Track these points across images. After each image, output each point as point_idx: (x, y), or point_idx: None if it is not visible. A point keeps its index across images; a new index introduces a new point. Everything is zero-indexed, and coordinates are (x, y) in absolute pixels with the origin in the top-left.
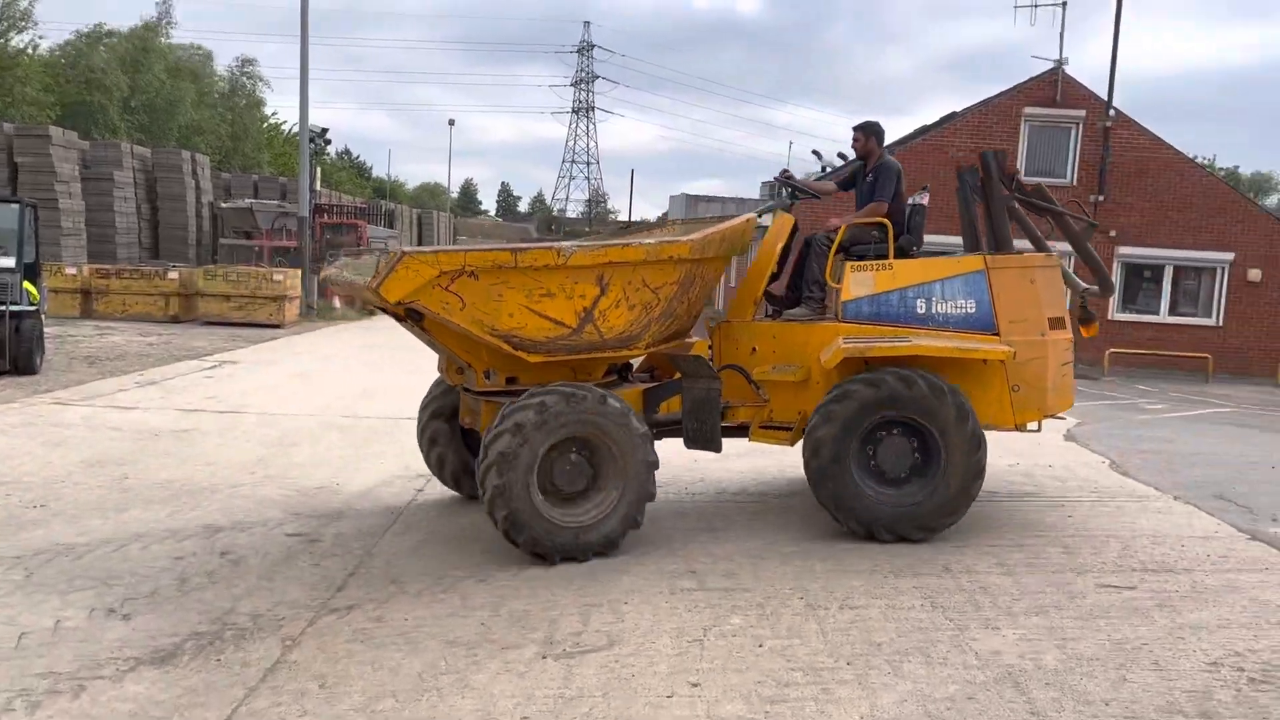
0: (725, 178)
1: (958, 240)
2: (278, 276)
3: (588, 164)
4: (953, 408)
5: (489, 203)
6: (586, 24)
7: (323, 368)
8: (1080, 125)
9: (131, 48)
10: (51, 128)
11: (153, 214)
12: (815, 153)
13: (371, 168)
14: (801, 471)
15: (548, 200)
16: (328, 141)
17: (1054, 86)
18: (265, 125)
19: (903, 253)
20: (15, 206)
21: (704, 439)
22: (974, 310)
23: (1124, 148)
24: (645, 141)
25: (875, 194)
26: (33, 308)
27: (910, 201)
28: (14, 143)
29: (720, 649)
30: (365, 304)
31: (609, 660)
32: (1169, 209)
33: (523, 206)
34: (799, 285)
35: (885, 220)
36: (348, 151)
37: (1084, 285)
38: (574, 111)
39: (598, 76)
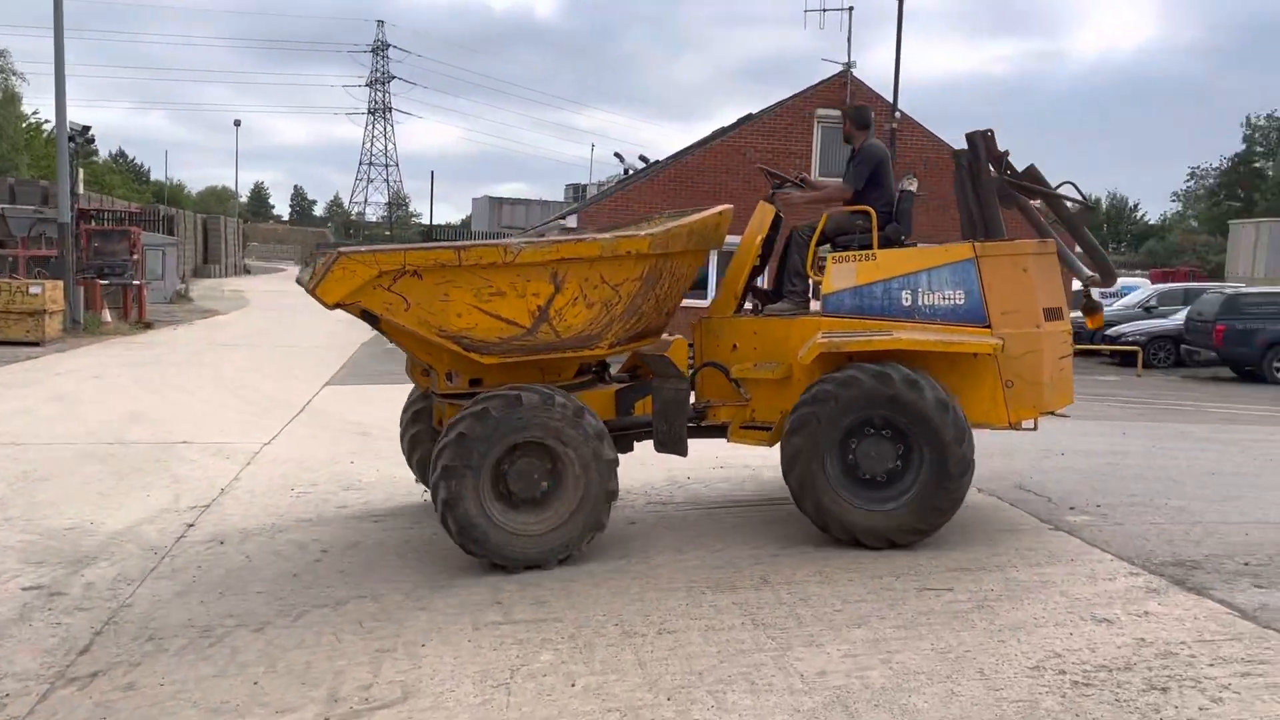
0: (530, 180)
1: (738, 240)
2: (35, 289)
3: (386, 166)
4: (932, 401)
5: (282, 207)
6: (380, 23)
7: (86, 389)
8: None
9: None
10: None
11: None
12: (617, 155)
13: (149, 171)
14: (625, 480)
15: (345, 204)
16: (90, 140)
17: (844, 89)
18: (25, 125)
19: (891, 242)
20: None
21: (672, 442)
22: (963, 301)
23: (910, 149)
24: (447, 144)
25: (845, 179)
26: None
27: (899, 188)
28: None
29: (529, 692)
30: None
31: (402, 717)
32: (951, 207)
33: (318, 211)
34: (784, 279)
35: (869, 208)
36: (123, 154)
37: (1088, 272)
38: (370, 112)
39: (394, 77)
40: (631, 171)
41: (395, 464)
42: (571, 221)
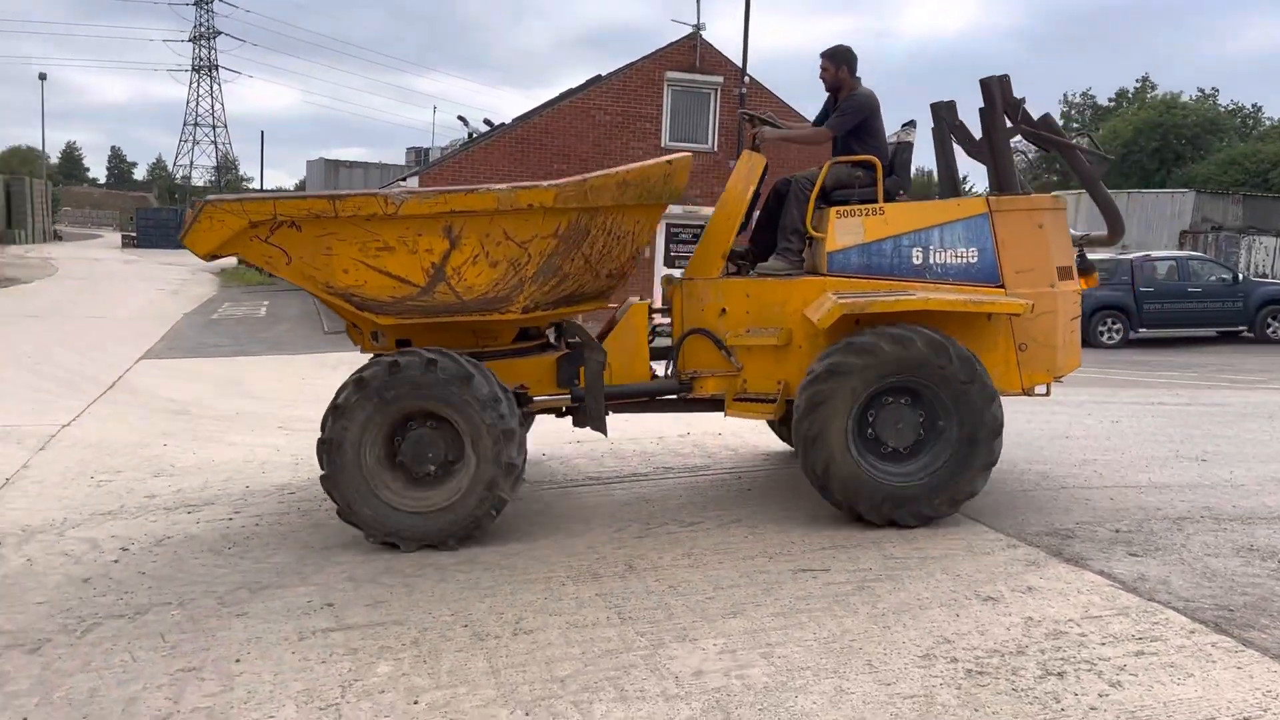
0: (370, 145)
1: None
2: None
3: (214, 128)
4: (957, 362)
5: (98, 170)
6: None
7: None
8: (719, 91)
9: None
10: None
11: None
12: (461, 118)
13: None
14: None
15: (169, 167)
16: None
17: (693, 52)
18: None
19: (890, 197)
20: None
21: (590, 418)
22: (976, 260)
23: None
24: (282, 106)
25: (829, 122)
26: None
27: (894, 139)
28: None
29: (363, 714)
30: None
31: None
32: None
33: (139, 174)
34: (767, 236)
35: (874, 159)
36: None
37: (1077, 232)
38: (194, 70)
39: (220, 32)
40: (476, 135)
41: (217, 446)
42: (413, 184)
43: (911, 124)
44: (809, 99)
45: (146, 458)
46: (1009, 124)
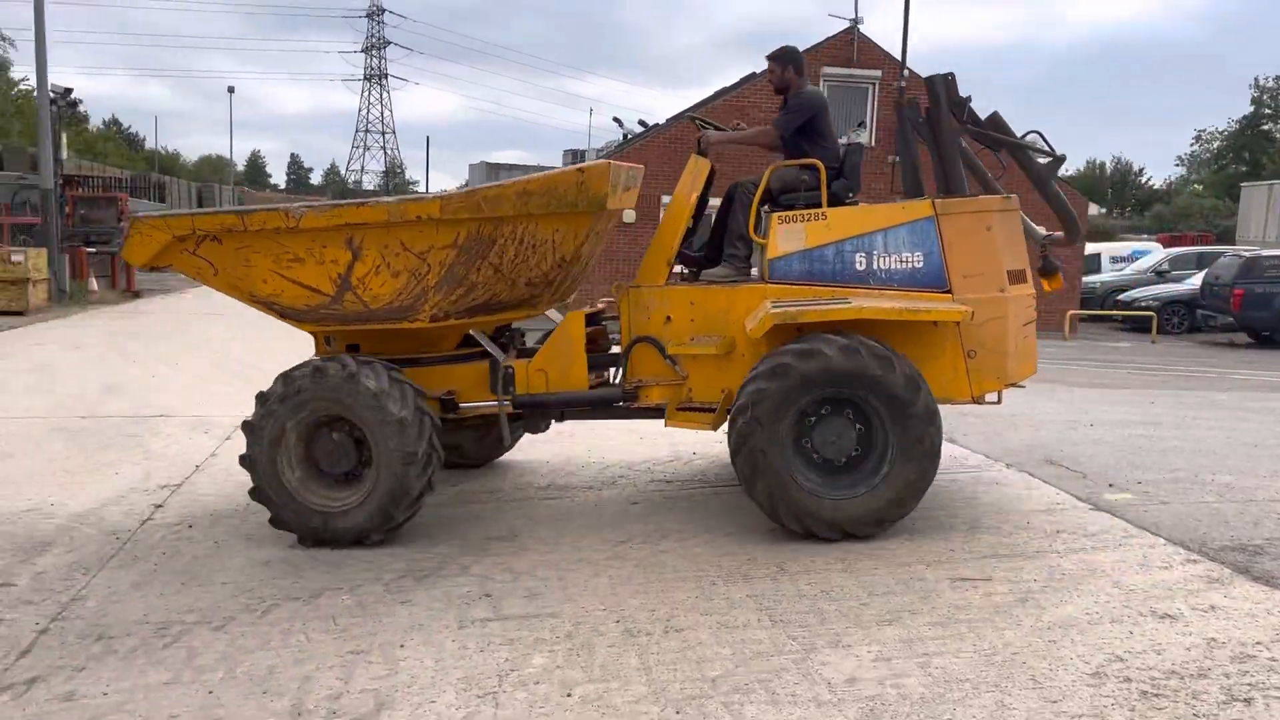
0: (528, 148)
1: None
2: (17, 257)
3: (383, 133)
4: (901, 378)
5: (279, 175)
6: None
7: (65, 360)
8: (877, 86)
9: None
10: None
11: None
12: (616, 119)
13: (145, 140)
14: (613, 457)
15: (342, 172)
16: (74, 103)
17: (850, 46)
18: (14, 92)
19: (838, 200)
20: None
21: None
22: (922, 264)
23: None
24: (445, 111)
25: (775, 122)
26: None
27: (844, 140)
28: None
29: (519, 704)
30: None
31: None
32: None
33: (315, 179)
34: (719, 242)
35: (816, 162)
36: (117, 122)
37: (1043, 232)
38: (366, 79)
39: (389, 42)
40: (630, 136)
41: None
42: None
43: (862, 125)
44: (970, 90)
45: None
46: (955, 123)
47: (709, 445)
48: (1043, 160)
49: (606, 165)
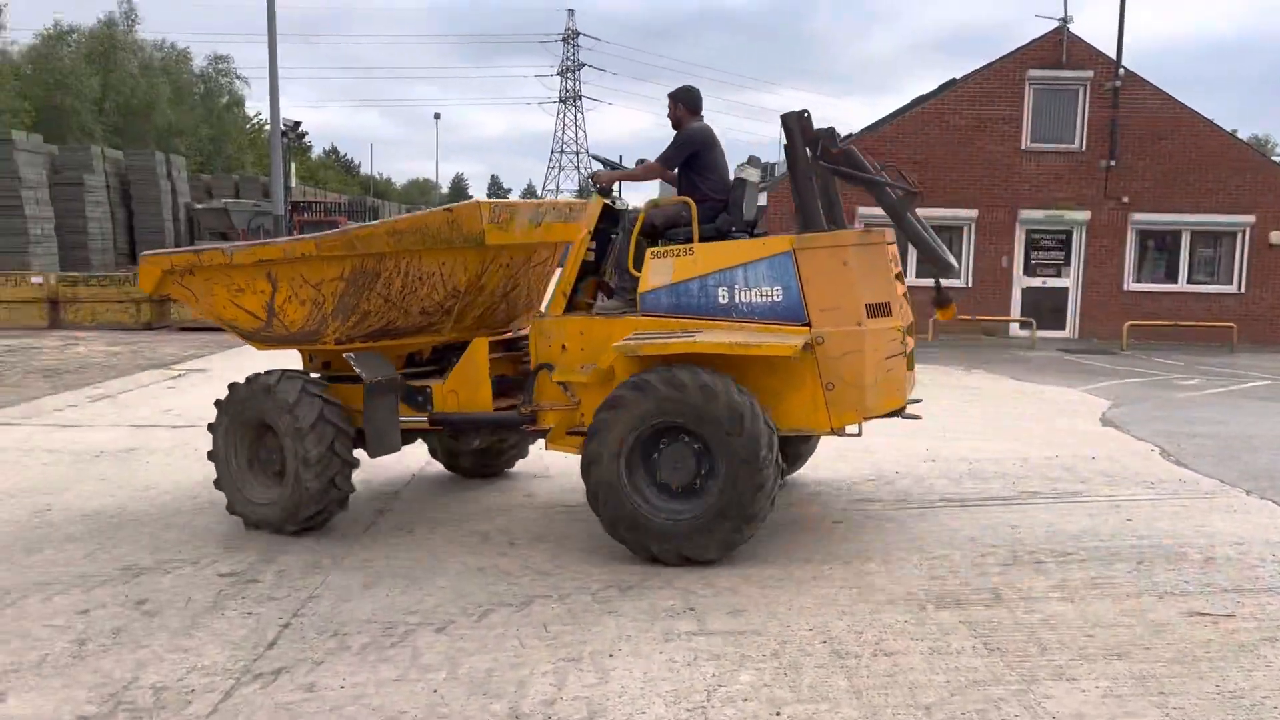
0: None
1: (951, 213)
2: None
3: (577, 153)
4: (724, 410)
5: (480, 196)
6: (570, 12)
7: None
8: (1088, 86)
9: (98, 45)
10: (15, 133)
11: (128, 218)
12: None
13: (359, 166)
14: (812, 474)
15: (538, 191)
16: (301, 135)
17: (1059, 47)
18: (248, 126)
19: (722, 235)
20: None
21: (367, 440)
22: (780, 298)
23: (1134, 109)
24: (637, 129)
25: (660, 157)
26: None
27: (737, 175)
28: None
29: (727, 719)
30: None
31: None
32: (1184, 172)
33: (514, 198)
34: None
35: (688, 199)
36: (335, 151)
37: (949, 260)
38: (561, 101)
39: (584, 65)
40: None
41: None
42: (761, 200)
43: (749, 160)
44: (1192, 90)
45: (526, 459)
46: (810, 160)
47: (913, 465)
48: (898, 195)
49: (475, 205)
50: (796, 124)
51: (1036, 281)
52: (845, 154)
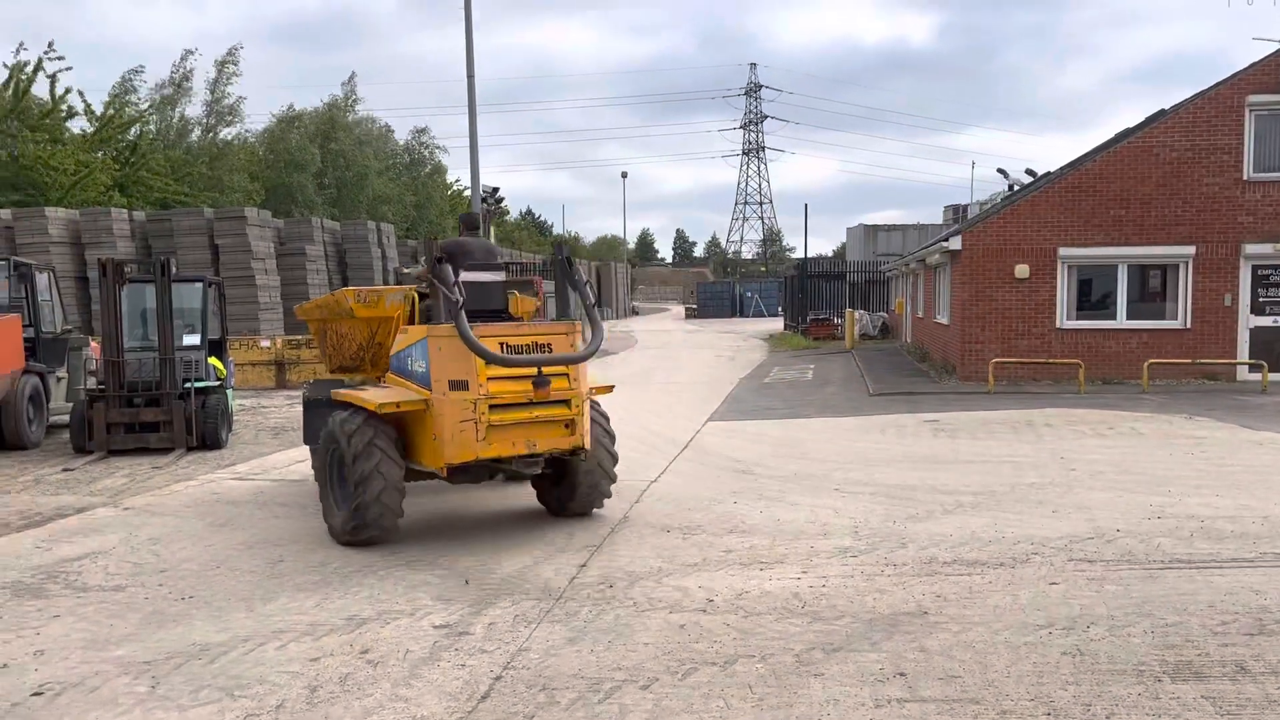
0: (906, 207)
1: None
2: None
3: (760, 204)
4: (344, 437)
5: (665, 250)
6: (753, 65)
7: None
8: None
9: (320, 125)
10: (247, 209)
11: (344, 284)
12: (1000, 170)
13: (552, 225)
14: (1020, 531)
15: (722, 243)
16: (499, 200)
17: None
18: (449, 192)
19: (427, 317)
20: (198, 285)
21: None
22: (424, 369)
23: None
24: (820, 177)
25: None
26: (218, 383)
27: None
28: (214, 226)
29: None
30: None
31: None
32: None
33: (698, 251)
34: None
35: (410, 288)
36: (530, 212)
37: (490, 353)
38: (744, 153)
39: (766, 116)
40: (1017, 187)
41: (780, 506)
42: (955, 243)
43: (418, 261)
44: None
45: (720, 514)
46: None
47: (1136, 522)
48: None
49: (345, 291)
50: (426, 247)
51: (1266, 320)
52: (422, 274)
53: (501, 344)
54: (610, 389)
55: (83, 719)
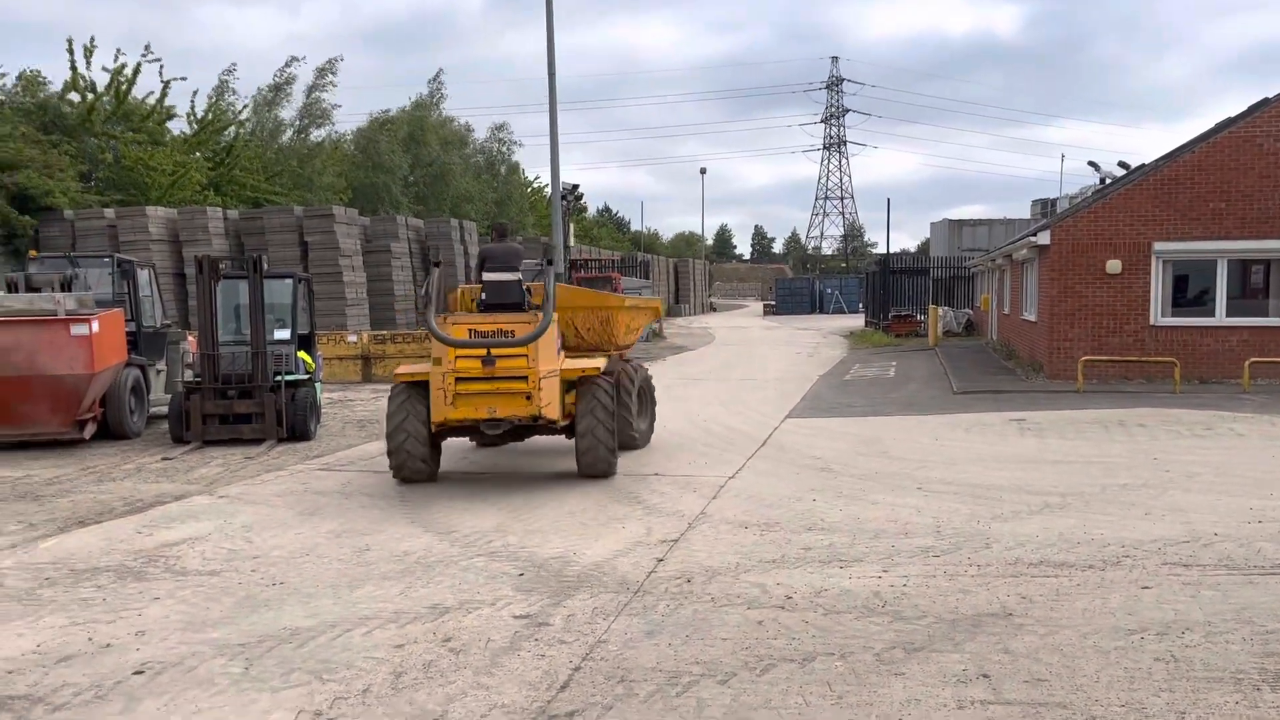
0: (990, 201)
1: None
2: None
3: (841, 199)
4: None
5: (743, 246)
6: (834, 59)
7: None
8: None
9: (409, 127)
10: (335, 207)
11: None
12: (1091, 163)
13: (630, 222)
14: (1110, 533)
15: (801, 239)
16: (579, 197)
17: None
18: (529, 190)
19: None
20: (289, 281)
21: None
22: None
23: None
24: (903, 172)
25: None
26: (306, 376)
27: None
28: (304, 224)
29: None
30: None
31: None
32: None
33: (777, 247)
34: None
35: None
36: (608, 209)
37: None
38: (825, 148)
39: (848, 110)
40: (1109, 180)
41: (860, 504)
42: (1044, 238)
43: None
44: None
45: (799, 511)
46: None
47: (1235, 525)
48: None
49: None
50: (436, 275)
51: None
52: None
53: (470, 330)
54: (598, 369)
55: (181, 698)
